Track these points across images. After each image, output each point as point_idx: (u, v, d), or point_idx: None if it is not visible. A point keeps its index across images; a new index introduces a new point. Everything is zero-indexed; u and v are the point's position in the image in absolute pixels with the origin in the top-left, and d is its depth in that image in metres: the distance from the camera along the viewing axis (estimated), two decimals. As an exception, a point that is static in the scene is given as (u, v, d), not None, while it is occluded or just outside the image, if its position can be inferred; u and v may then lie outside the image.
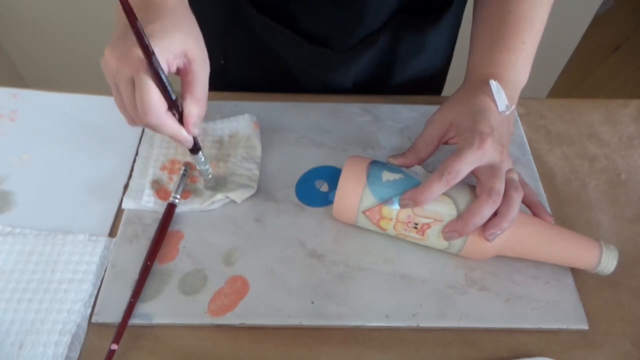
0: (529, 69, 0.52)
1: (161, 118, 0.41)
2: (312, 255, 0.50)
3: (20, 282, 0.47)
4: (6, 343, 0.43)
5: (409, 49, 0.65)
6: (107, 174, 0.55)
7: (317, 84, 0.65)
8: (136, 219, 0.52)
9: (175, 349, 0.45)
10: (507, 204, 0.44)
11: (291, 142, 0.59)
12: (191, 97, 0.43)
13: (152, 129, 0.42)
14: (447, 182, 0.43)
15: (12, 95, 0.62)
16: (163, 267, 0.49)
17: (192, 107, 0.43)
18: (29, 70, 1.52)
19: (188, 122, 0.43)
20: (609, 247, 0.46)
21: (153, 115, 0.40)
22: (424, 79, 0.71)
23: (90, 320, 0.45)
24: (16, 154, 0.57)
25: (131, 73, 0.39)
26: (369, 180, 0.47)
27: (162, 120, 0.41)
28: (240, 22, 0.62)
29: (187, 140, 0.45)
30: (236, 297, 0.47)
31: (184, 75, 0.43)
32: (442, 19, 0.63)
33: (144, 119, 0.40)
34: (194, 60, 0.42)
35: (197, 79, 0.43)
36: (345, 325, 0.46)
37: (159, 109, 0.40)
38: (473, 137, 0.44)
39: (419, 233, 0.47)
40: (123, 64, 0.39)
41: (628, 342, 0.47)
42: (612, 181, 0.58)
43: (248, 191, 0.53)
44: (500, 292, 0.48)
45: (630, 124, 0.64)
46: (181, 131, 0.43)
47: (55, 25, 1.37)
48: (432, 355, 0.45)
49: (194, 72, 0.43)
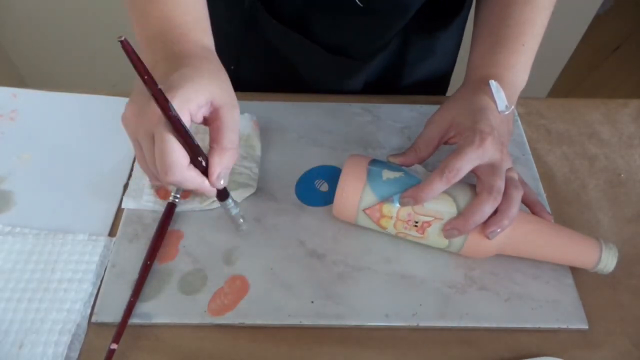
0: (529, 71, 0.52)
1: (183, 174, 0.38)
2: (312, 255, 0.50)
3: (20, 282, 0.47)
4: (6, 342, 0.43)
5: (419, 53, 0.65)
6: (107, 174, 0.55)
7: (329, 90, 0.65)
8: (136, 219, 0.52)
9: (175, 349, 0.45)
10: (507, 201, 0.44)
11: (291, 141, 0.59)
12: (217, 146, 0.40)
13: (175, 185, 0.39)
14: (447, 180, 0.43)
15: (12, 95, 0.62)
16: (163, 266, 0.49)
17: (217, 157, 0.40)
18: (29, 70, 1.52)
19: (212, 174, 0.40)
20: (608, 245, 0.46)
21: (175, 173, 0.37)
22: (430, 82, 0.71)
23: (90, 319, 0.45)
24: (16, 153, 0.57)
25: (150, 128, 0.37)
26: (369, 178, 0.47)
27: (183, 175, 0.38)
28: (255, 29, 0.62)
29: (210, 192, 0.41)
30: (236, 296, 0.47)
31: (211, 123, 0.40)
32: (453, 23, 0.63)
33: (164, 176, 0.37)
34: (221, 107, 0.40)
35: (224, 125, 0.40)
36: (345, 324, 0.46)
37: (181, 165, 0.37)
38: (473, 136, 0.44)
39: (419, 231, 0.47)
40: (142, 119, 0.37)
41: (628, 341, 0.47)
42: (612, 181, 0.58)
43: (248, 190, 0.53)
44: (500, 291, 0.48)
45: (630, 123, 0.64)
46: (204, 184, 0.40)
47: (55, 25, 1.37)
48: (432, 355, 0.45)
49: (222, 119, 0.40)
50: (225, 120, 0.40)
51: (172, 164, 0.37)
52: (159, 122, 0.36)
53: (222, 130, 0.40)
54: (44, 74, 1.52)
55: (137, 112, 0.38)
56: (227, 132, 0.40)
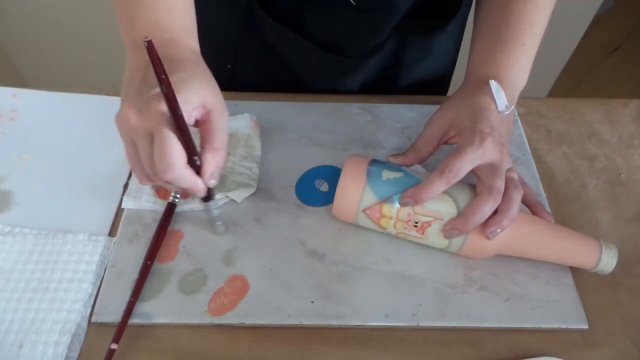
0: (529, 71, 0.52)
1: (181, 172, 0.39)
2: (312, 255, 0.50)
3: (20, 282, 0.47)
4: (6, 342, 0.43)
5: (416, 53, 0.65)
6: (107, 174, 0.55)
7: (325, 89, 0.65)
8: (136, 219, 0.52)
9: (175, 349, 0.45)
10: (507, 202, 0.44)
11: (291, 141, 0.59)
12: (209, 147, 0.41)
13: (168, 183, 0.40)
14: (447, 180, 0.43)
15: (12, 95, 0.62)
16: (163, 266, 0.49)
17: (210, 157, 0.41)
18: (29, 70, 1.52)
19: (205, 173, 0.41)
20: (608, 245, 0.46)
21: (174, 171, 0.38)
22: (430, 82, 0.71)
23: (90, 319, 0.45)
24: (16, 153, 0.57)
25: (151, 127, 0.37)
26: (369, 178, 0.47)
27: (181, 173, 0.39)
28: (252, 28, 0.62)
29: (202, 191, 0.42)
30: (236, 296, 0.47)
31: (202, 125, 0.42)
32: (450, 23, 0.63)
33: (163, 174, 0.38)
34: (212, 110, 0.41)
35: (215, 127, 0.41)
36: (345, 324, 0.46)
37: (180, 163, 0.38)
38: (473, 136, 0.44)
39: (419, 231, 0.47)
40: (144, 117, 0.38)
41: (628, 342, 0.47)
42: (612, 181, 0.58)
43: (248, 190, 0.53)
44: (500, 291, 0.48)
45: (630, 123, 0.64)
46: (197, 182, 0.41)
47: (55, 25, 1.37)
48: (432, 354, 0.45)
49: (212, 121, 0.41)
50: (216, 122, 0.41)
51: (172, 162, 0.38)
52: (162, 121, 0.37)
53: (213, 131, 0.41)
54: (44, 74, 1.52)
55: (137, 110, 0.38)
56: (219, 133, 0.42)
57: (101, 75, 1.29)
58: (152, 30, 0.44)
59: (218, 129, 0.42)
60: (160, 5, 0.45)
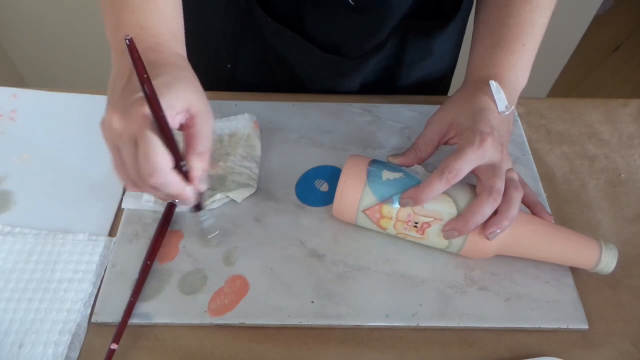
0: (529, 71, 0.52)
1: (167, 176, 0.38)
2: (312, 255, 0.50)
3: (20, 282, 0.47)
4: (6, 342, 0.43)
5: (416, 54, 0.65)
6: (107, 174, 0.55)
7: (325, 89, 0.65)
8: (136, 219, 0.52)
9: (175, 349, 0.45)
10: (507, 202, 0.44)
11: (291, 141, 0.59)
12: (194, 152, 0.40)
13: (155, 189, 0.39)
14: (447, 180, 0.43)
15: (12, 95, 0.62)
16: (163, 266, 0.49)
17: (196, 162, 0.40)
18: (29, 70, 1.52)
19: (194, 178, 0.40)
20: (608, 246, 0.46)
21: (160, 175, 0.37)
22: (430, 82, 0.71)
23: (90, 319, 0.45)
24: (16, 153, 0.57)
25: (135, 131, 0.37)
26: (369, 178, 0.47)
27: (167, 178, 0.38)
28: (251, 28, 0.62)
29: (191, 198, 0.41)
30: (236, 296, 0.47)
31: (187, 129, 0.41)
32: (450, 23, 0.63)
33: (149, 179, 0.37)
34: (197, 115, 0.40)
35: (200, 132, 0.41)
36: (345, 324, 0.46)
37: (165, 167, 0.37)
38: (473, 137, 0.44)
39: (419, 232, 0.47)
40: (127, 121, 0.37)
41: (628, 342, 0.47)
42: (612, 181, 0.58)
43: (248, 190, 0.53)
44: (500, 291, 0.48)
45: (630, 123, 0.64)
46: (185, 189, 0.40)
47: (55, 25, 1.37)
48: (432, 355, 0.45)
49: (197, 126, 0.41)
50: (201, 127, 0.41)
51: (156, 165, 0.37)
52: (144, 123, 0.36)
53: (197, 136, 0.41)
54: (44, 74, 1.52)
55: (120, 115, 0.38)
56: (204, 138, 0.41)
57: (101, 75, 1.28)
58: (137, 34, 0.43)
59: (203, 134, 0.41)
60: (146, 10, 0.44)
